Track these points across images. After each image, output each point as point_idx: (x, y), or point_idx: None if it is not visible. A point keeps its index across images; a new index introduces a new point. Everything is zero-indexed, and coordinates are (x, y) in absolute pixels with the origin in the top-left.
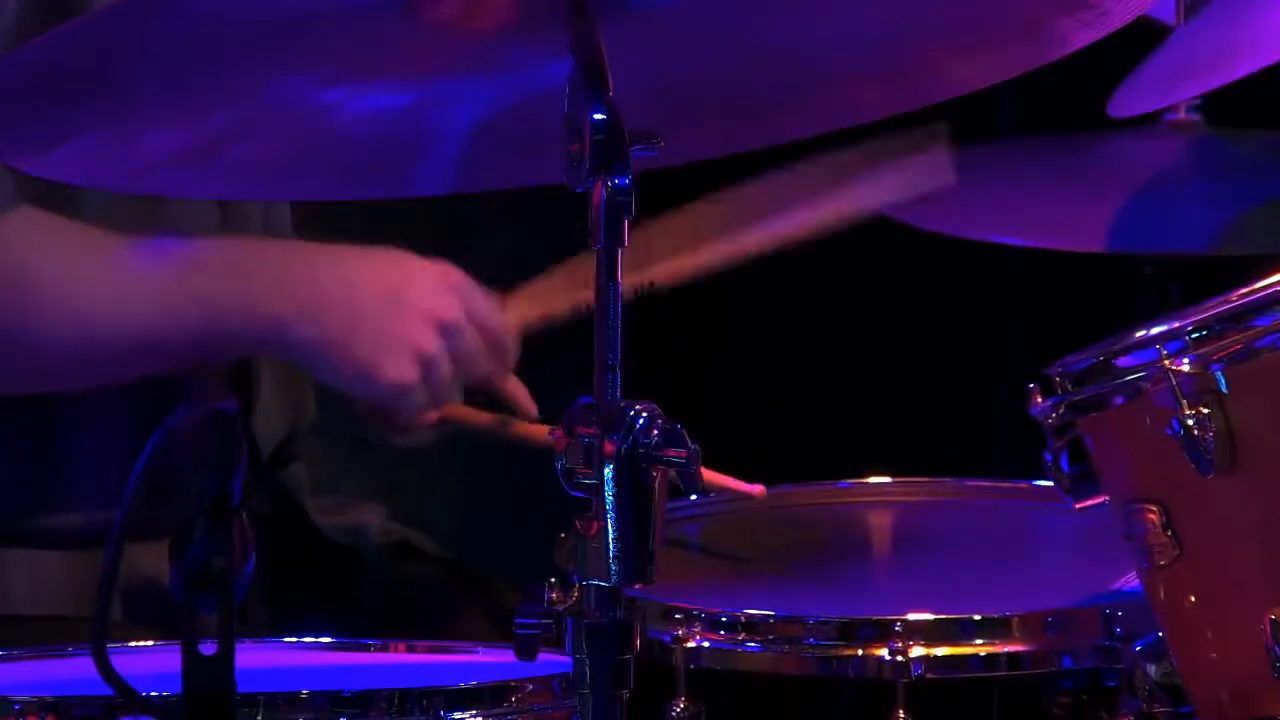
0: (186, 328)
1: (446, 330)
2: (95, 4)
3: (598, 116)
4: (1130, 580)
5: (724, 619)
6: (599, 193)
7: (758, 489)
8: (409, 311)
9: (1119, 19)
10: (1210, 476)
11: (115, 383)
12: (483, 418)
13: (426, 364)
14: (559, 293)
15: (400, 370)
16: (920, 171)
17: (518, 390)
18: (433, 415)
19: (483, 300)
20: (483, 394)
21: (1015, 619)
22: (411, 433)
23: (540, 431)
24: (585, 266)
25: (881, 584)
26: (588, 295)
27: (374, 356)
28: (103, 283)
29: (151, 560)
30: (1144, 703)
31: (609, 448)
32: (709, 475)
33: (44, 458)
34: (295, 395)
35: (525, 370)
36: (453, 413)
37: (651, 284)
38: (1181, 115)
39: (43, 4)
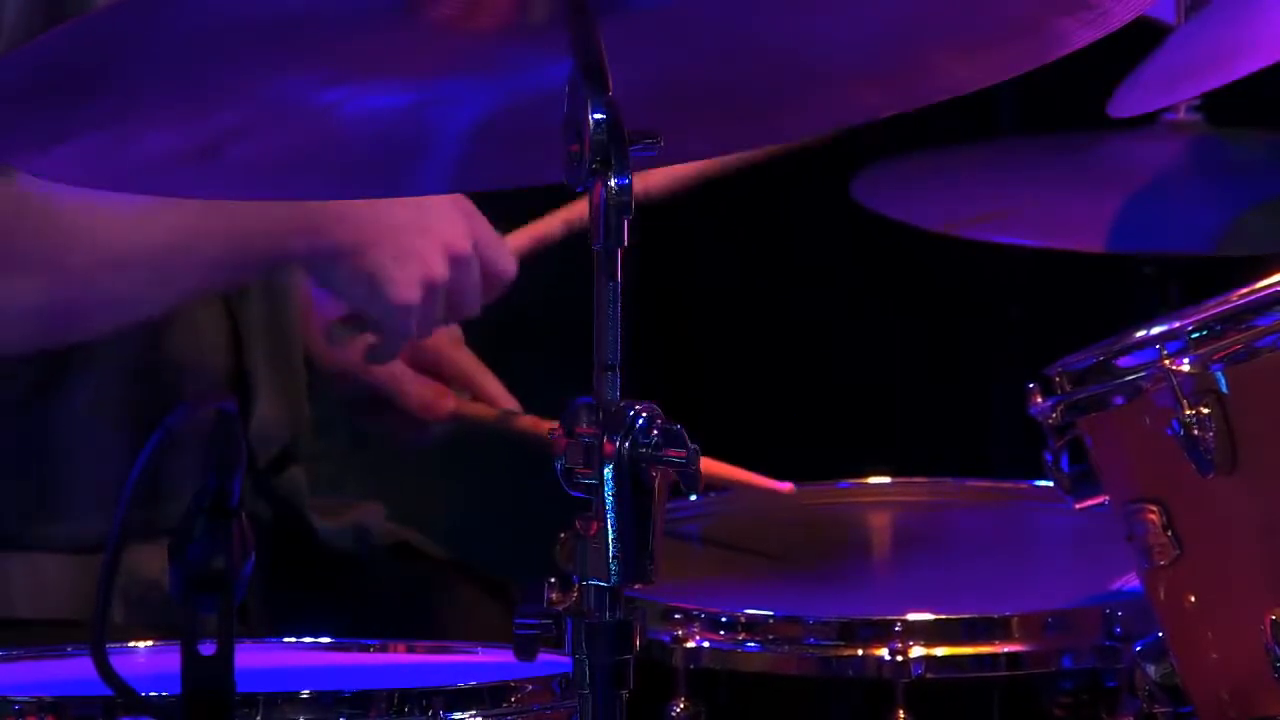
0: (211, 245)
1: (456, 260)
2: (96, 3)
3: (598, 116)
4: (1130, 580)
5: (724, 619)
6: (599, 193)
7: (786, 486)
8: (427, 233)
9: (1119, 19)
10: (1210, 476)
11: (143, 317)
12: (489, 414)
13: (429, 290)
14: (552, 221)
15: (406, 290)
16: None
17: (487, 381)
18: (446, 408)
19: (491, 235)
20: (458, 386)
21: (1015, 619)
22: (424, 427)
23: (545, 428)
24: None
25: (881, 584)
26: (580, 213)
27: (385, 269)
28: (124, 208)
29: (153, 563)
30: (1144, 703)
31: (609, 448)
32: (736, 473)
33: (42, 465)
34: (292, 406)
35: (525, 368)
36: (461, 409)
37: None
38: (1181, 115)
39: (43, 3)
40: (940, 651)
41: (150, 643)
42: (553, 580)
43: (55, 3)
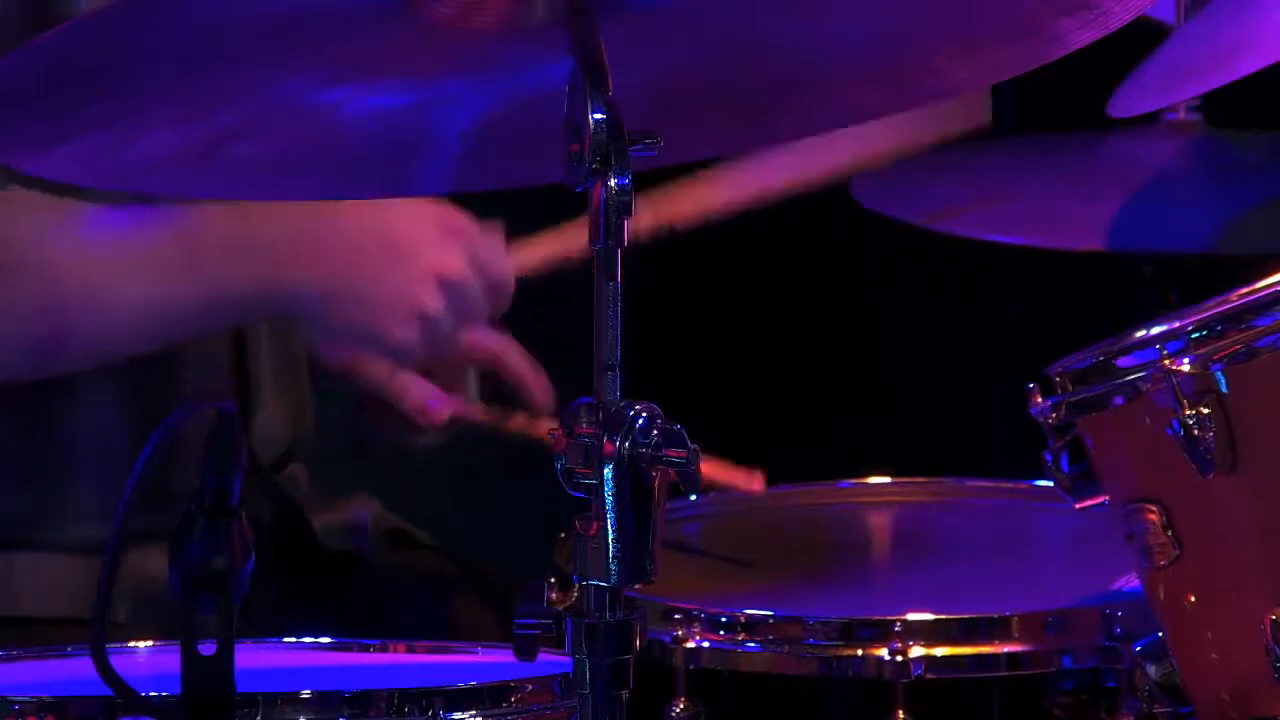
0: (194, 297)
1: (449, 285)
2: (81, 7)
3: (598, 116)
4: (1130, 580)
5: (724, 619)
6: (599, 193)
7: (757, 483)
8: (412, 268)
9: (1119, 19)
10: (1210, 476)
11: (126, 355)
12: (488, 416)
13: (428, 323)
14: (574, 237)
15: (401, 330)
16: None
17: (522, 368)
18: (444, 415)
19: (486, 243)
20: (491, 378)
21: (1015, 619)
22: (422, 432)
23: (538, 430)
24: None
25: (881, 584)
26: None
27: (378, 318)
28: (104, 255)
29: (156, 562)
30: (1144, 703)
31: (609, 448)
32: (707, 468)
33: (46, 464)
34: (294, 408)
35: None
36: (458, 414)
37: (672, 228)
38: (1181, 115)
39: (28, 9)
40: (940, 651)
41: (150, 643)
42: (553, 580)
43: (42, 6)
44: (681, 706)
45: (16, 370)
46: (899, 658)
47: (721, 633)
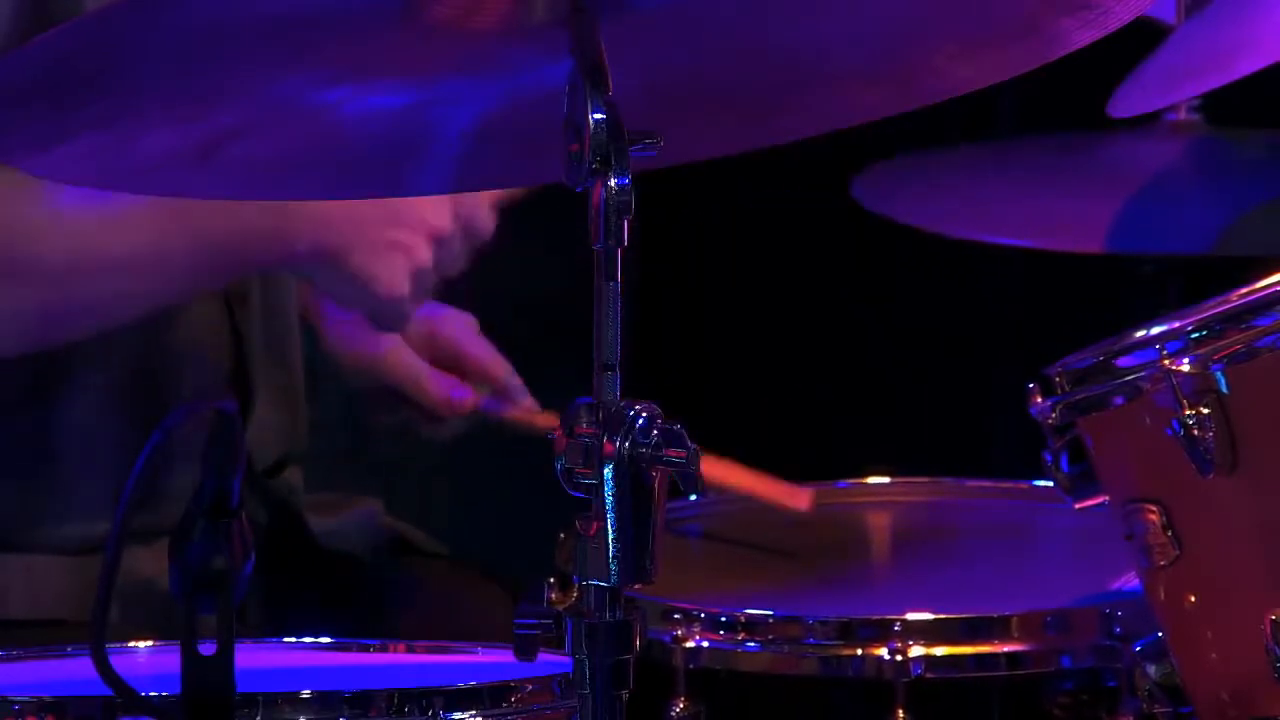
0: (180, 254)
1: (438, 240)
2: (85, 6)
3: (598, 116)
4: (1130, 580)
5: (723, 619)
6: (599, 193)
7: (804, 500)
8: (405, 220)
9: (1119, 19)
10: (1210, 476)
11: (120, 322)
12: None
13: (417, 276)
14: None
15: (394, 285)
16: None
17: (505, 373)
18: (467, 406)
19: (470, 199)
20: (476, 379)
21: (1015, 619)
22: (441, 423)
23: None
24: None
25: (881, 584)
26: None
27: (371, 268)
28: (80, 219)
29: (148, 562)
30: (1144, 703)
31: (609, 448)
32: (753, 483)
33: (40, 466)
34: (291, 409)
35: (526, 371)
36: (481, 405)
37: None
38: (1181, 115)
39: (33, 10)
40: (940, 651)
41: (150, 643)
42: (553, 580)
43: (42, 6)
44: (681, 706)
45: (14, 344)
46: (899, 657)
47: (721, 632)
